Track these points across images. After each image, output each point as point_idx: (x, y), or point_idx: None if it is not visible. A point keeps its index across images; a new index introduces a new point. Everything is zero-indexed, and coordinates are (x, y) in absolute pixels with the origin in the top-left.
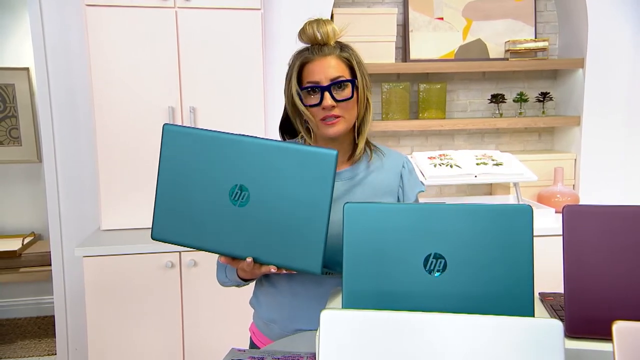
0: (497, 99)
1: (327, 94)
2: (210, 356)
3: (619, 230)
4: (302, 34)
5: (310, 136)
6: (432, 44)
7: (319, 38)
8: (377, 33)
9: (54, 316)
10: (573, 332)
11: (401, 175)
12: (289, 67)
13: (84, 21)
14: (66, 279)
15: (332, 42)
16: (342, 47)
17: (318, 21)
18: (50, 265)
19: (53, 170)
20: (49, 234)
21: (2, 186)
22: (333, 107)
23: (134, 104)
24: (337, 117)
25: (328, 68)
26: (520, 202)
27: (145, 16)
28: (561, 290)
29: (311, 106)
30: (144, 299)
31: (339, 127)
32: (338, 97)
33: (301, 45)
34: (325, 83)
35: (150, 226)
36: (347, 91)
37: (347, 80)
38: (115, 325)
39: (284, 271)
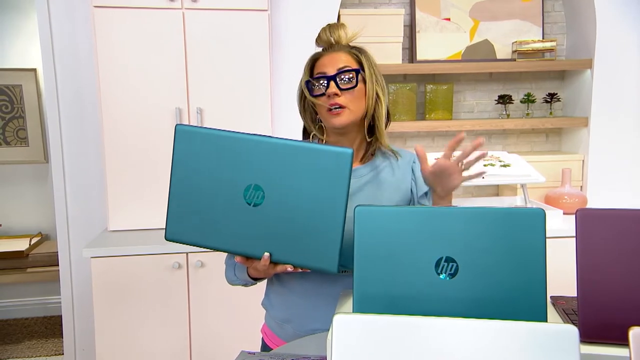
0: (504, 99)
1: (332, 82)
2: (218, 358)
3: (632, 234)
4: (318, 39)
5: (323, 134)
6: (439, 45)
7: (332, 42)
8: (384, 34)
9: (61, 316)
10: (587, 336)
11: (413, 170)
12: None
13: (92, 22)
14: (73, 279)
15: (343, 43)
16: (353, 47)
17: (331, 25)
18: (58, 265)
19: (60, 170)
20: (57, 235)
21: (9, 186)
22: (336, 94)
23: (141, 105)
24: (341, 107)
25: (336, 60)
26: (528, 204)
27: (153, 17)
28: (571, 292)
29: (318, 96)
30: (151, 299)
31: (343, 118)
32: (343, 87)
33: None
34: (332, 73)
35: (163, 227)
36: (352, 81)
37: (353, 69)
38: (122, 326)
39: (300, 270)
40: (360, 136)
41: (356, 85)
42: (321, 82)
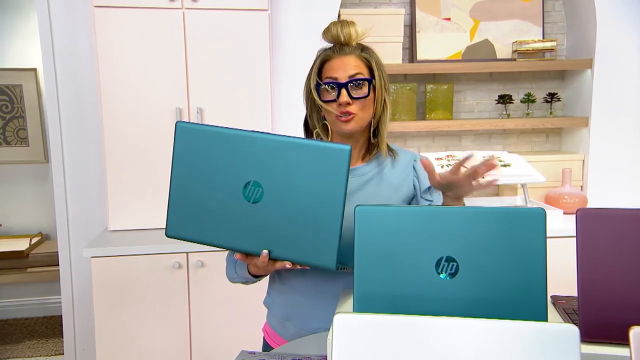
0: (504, 99)
1: (343, 91)
2: (218, 358)
3: (632, 234)
4: (327, 33)
5: (327, 134)
6: (439, 45)
7: (342, 39)
8: (384, 34)
9: (61, 316)
10: (587, 336)
11: (414, 167)
12: (312, 64)
13: (92, 22)
14: (74, 279)
15: (353, 43)
16: (363, 48)
17: (342, 22)
18: (58, 265)
19: (60, 170)
20: (57, 234)
21: (9, 186)
22: (348, 103)
23: (142, 104)
24: (351, 114)
25: (347, 66)
26: (528, 204)
27: (153, 17)
28: (571, 292)
29: (328, 101)
30: (151, 299)
31: (353, 125)
32: (354, 95)
33: (324, 44)
34: (344, 80)
35: (163, 227)
36: (364, 89)
37: (365, 79)
38: (122, 326)
39: (299, 266)
40: (365, 137)
41: (368, 95)
42: (332, 88)
